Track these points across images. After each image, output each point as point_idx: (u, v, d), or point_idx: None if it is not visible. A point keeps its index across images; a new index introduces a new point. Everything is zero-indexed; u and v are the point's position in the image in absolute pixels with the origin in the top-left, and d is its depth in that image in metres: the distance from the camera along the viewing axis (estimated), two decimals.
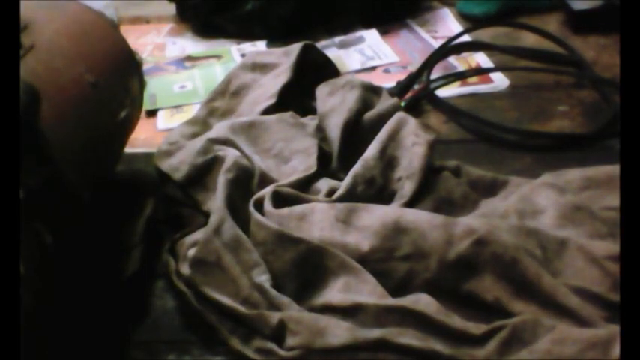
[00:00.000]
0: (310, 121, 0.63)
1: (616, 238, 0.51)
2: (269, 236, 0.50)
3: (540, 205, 0.55)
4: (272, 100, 0.65)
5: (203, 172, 0.58)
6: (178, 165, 0.58)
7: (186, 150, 0.60)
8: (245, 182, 0.56)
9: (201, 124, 0.66)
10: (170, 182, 0.59)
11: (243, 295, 0.48)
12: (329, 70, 0.70)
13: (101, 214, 0.52)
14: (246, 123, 0.61)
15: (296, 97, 0.67)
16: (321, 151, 0.60)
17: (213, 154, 0.58)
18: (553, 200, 0.54)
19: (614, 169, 0.57)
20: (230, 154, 0.57)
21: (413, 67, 0.83)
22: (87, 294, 0.49)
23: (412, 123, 0.60)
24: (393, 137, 0.59)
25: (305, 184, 0.57)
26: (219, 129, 0.61)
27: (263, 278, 0.49)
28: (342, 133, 0.60)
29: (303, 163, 0.58)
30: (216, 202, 0.53)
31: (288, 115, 0.63)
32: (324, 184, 0.57)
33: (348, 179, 0.56)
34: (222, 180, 0.55)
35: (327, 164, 0.60)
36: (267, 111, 0.64)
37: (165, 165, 0.59)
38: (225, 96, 0.70)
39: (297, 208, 0.53)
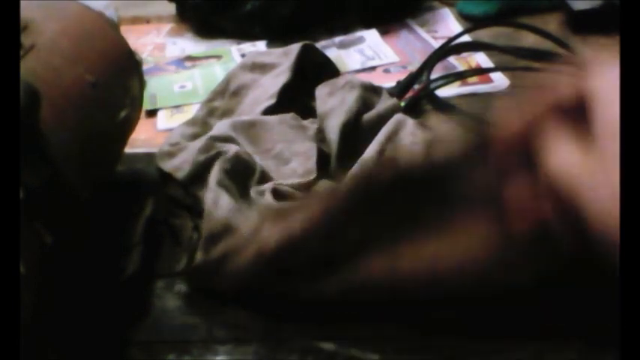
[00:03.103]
0: (311, 125, 0.63)
1: None
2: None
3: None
4: (272, 101, 0.65)
5: (205, 169, 0.58)
6: (181, 164, 0.58)
7: (188, 150, 0.60)
8: (243, 176, 0.56)
9: (200, 124, 0.67)
10: (172, 182, 0.59)
11: None
12: (329, 70, 0.70)
13: (101, 214, 0.52)
14: (247, 122, 0.61)
15: (296, 97, 0.67)
16: (320, 152, 0.60)
17: (215, 151, 0.58)
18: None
19: None
20: (233, 149, 0.57)
21: (413, 67, 0.83)
22: (87, 294, 0.49)
23: (410, 124, 0.60)
24: (392, 138, 0.59)
25: (304, 189, 0.57)
26: (221, 127, 0.61)
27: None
28: (340, 134, 0.60)
29: (303, 166, 0.58)
30: (209, 184, 0.53)
31: (289, 117, 0.63)
32: (322, 186, 0.57)
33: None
34: (216, 168, 0.55)
35: (327, 165, 0.60)
36: (268, 111, 0.64)
37: (168, 165, 0.59)
38: (225, 96, 0.70)
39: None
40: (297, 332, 0.48)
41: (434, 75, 0.81)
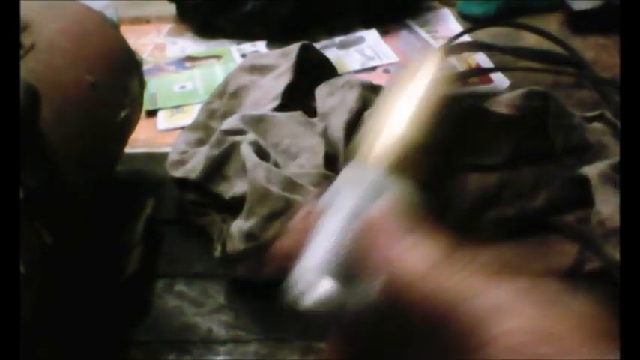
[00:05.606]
0: (319, 122, 0.63)
1: None
2: None
3: None
4: (276, 102, 0.65)
5: (221, 163, 0.58)
6: (193, 167, 0.59)
7: (199, 155, 0.60)
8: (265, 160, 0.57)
9: (202, 128, 0.66)
10: (188, 187, 0.59)
11: None
12: (327, 70, 0.70)
13: (101, 214, 0.52)
14: (256, 116, 0.62)
15: (298, 97, 0.67)
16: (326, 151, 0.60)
17: (229, 144, 0.58)
18: None
19: None
20: (247, 138, 0.58)
21: None
22: (87, 294, 0.50)
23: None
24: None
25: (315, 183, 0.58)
26: (230, 121, 0.61)
27: None
28: (345, 133, 0.60)
29: (310, 161, 0.59)
30: (249, 164, 0.55)
31: (298, 114, 0.63)
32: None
33: None
34: (247, 149, 0.56)
35: (332, 164, 0.60)
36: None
37: (180, 172, 0.59)
38: (223, 97, 0.70)
39: None
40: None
41: None
